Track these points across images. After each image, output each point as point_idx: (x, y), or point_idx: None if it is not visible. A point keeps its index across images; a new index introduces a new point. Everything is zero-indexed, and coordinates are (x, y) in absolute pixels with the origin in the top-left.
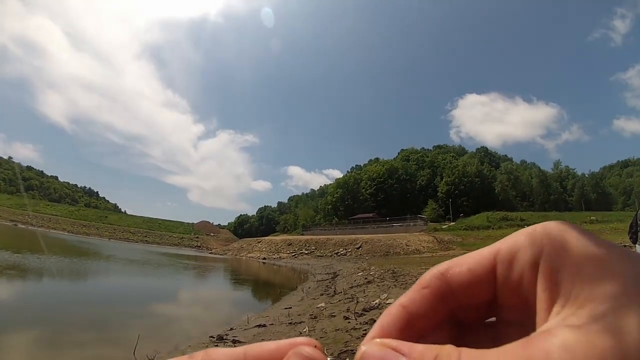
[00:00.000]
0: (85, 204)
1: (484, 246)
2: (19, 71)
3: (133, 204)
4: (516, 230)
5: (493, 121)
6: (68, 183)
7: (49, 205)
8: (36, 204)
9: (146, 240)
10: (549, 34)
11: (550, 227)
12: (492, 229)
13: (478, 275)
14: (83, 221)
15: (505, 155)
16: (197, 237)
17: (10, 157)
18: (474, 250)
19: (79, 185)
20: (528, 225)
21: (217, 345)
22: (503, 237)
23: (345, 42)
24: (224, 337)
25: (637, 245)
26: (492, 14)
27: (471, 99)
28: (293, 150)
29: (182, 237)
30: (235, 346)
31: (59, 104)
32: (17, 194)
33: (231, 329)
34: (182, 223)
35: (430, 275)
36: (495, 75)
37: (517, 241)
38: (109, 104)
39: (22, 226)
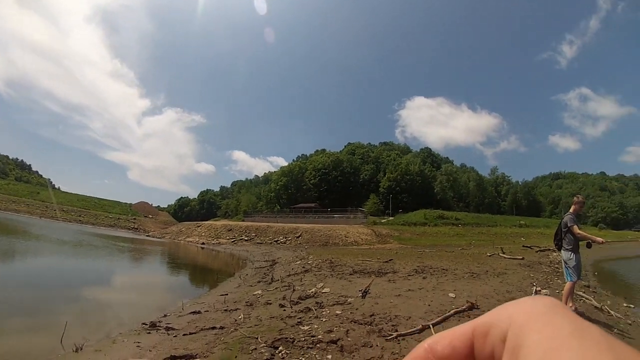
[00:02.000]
0: (15, 177)
1: (420, 241)
2: None
3: (68, 180)
4: (450, 227)
5: (438, 124)
6: None
7: None
8: None
9: (80, 220)
10: (502, 49)
11: (519, 306)
12: (429, 225)
13: (458, 348)
14: (13, 196)
15: (447, 157)
16: (134, 219)
17: None
18: (409, 244)
19: (10, 157)
20: (463, 224)
21: (149, 333)
22: (438, 234)
23: (299, 33)
24: (157, 324)
25: (561, 251)
26: (449, 23)
27: (419, 101)
28: (239, 135)
29: (119, 218)
30: (168, 334)
31: None
32: None
33: (165, 315)
34: (119, 203)
35: (420, 349)
36: (445, 81)
37: (492, 318)
38: (52, 69)
39: None
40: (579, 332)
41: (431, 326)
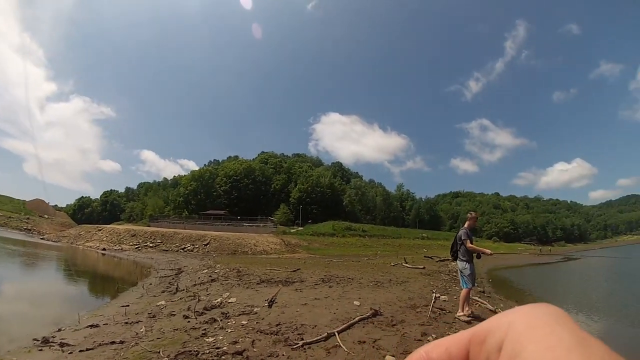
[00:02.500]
0: None
1: (328, 251)
2: None
3: None
4: (358, 238)
5: (350, 140)
6: None
7: None
8: None
9: None
10: (416, 77)
11: (519, 314)
12: (337, 236)
13: (454, 355)
14: None
15: (357, 172)
16: (28, 218)
17: None
18: (318, 253)
19: None
20: (369, 235)
21: (41, 350)
22: (346, 244)
23: (223, 38)
24: (51, 340)
25: (457, 261)
26: (369, 46)
27: (334, 117)
28: (150, 133)
29: (10, 217)
30: (62, 350)
31: None
32: None
33: (59, 329)
34: (11, 199)
35: (416, 356)
36: (360, 100)
37: (490, 325)
38: None
39: None
40: (580, 345)
41: (336, 333)
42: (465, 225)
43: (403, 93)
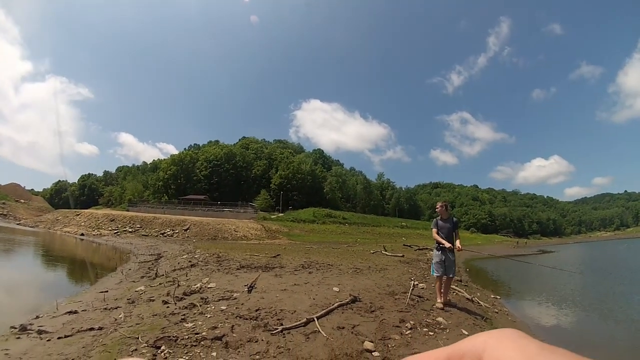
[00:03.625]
0: None
1: (308, 238)
2: None
3: None
4: (338, 226)
5: (331, 128)
6: None
7: None
8: None
9: None
10: (398, 68)
11: (494, 335)
12: (317, 223)
13: None
14: None
15: (338, 160)
16: (3, 203)
17: None
18: (298, 240)
19: None
20: (349, 223)
21: (18, 338)
22: (326, 231)
23: (206, 21)
24: (28, 328)
25: (434, 250)
26: (352, 34)
27: (315, 104)
28: (129, 116)
29: None
30: (41, 338)
31: None
32: None
33: (37, 317)
34: None
35: None
36: (342, 88)
37: (468, 344)
38: None
39: None
40: (548, 350)
41: (315, 319)
42: (439, 216)
43: (385, 82)
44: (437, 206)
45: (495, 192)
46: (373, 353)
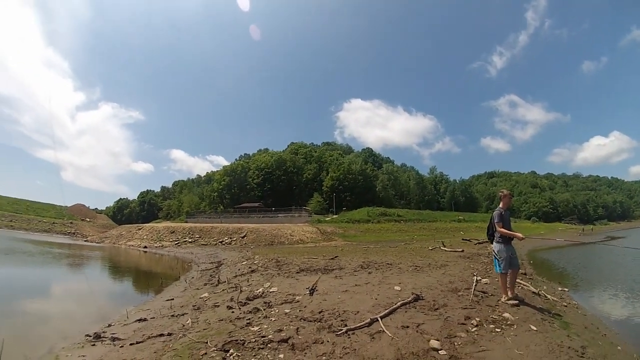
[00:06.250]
0: None
1: (364, 238)
2: None
3: None
4: (393, 224)
5: (375, 125)
6: None
7: None
8: None
9: (12, 226)
10: (436, 56)
11: None
12: (372, 222)
13: None
14: None
15: (388, 157)
16: (70, 223)
17: None
18: (354, 240)
19: None
20: (405, 220)
21: (94, 345)
22: (382, 230)
23: (241, 33)
24: (102, 335)
25: (493, 243)
26: (385, 29)
27: (356, 103)
28: (178, 133)
29: (54, 222)
30: (114, 344)
31: None
32: None
33: (109, 325)
34: (53, 206)
35: None
36: (381, 84)
37: None
38: None
39: None
40: None
41: (379, 319)
42: (500, 205)
43: (424, 74)
44: (502, 194)
45: (555, 177)
46: (440, 351)
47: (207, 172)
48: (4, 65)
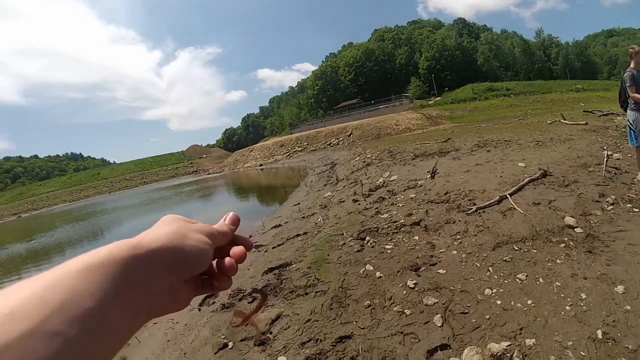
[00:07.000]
0: (73, 169)
1: (473, 117)
2: None
3: (119, 152)
4: (502, 99)
5: None
6: (49, 156)
7: (40, 184)
8: (29, 189)
9: (144, 182)
10: None
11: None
12: (479, 100)
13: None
14: (78, 186)
15: (484, 25)
16: (191, 163)
17: None
18: (462, 121)
19: (61, 154)
20: (514, 94)
21: None
22: (490, 107)
23: None
24: None
25: (627, 111)
26: None
27: None
28: (257, 52)
29: (177, 167)
30: (259, 251)
31: (5, 82)
32: (8, 188)
33: (250, 236)
34: (172, 154)
35: None
36: None
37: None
38: (54, 62)
39: (26, 214)
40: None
41: (508, 196)
42: (632, 66)
43: None
44: (632, 50)
45: None
46: (575, 229)
47: (298, 82)
48: (79, 60)
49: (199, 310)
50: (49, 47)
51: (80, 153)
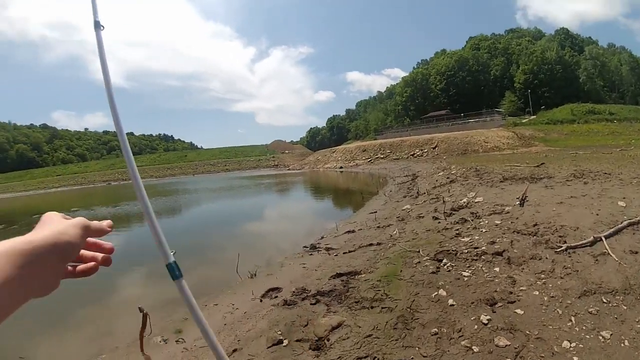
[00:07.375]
0: (164, 149)
1: (569, 142)
2: (66, 51)
3: (207, 139)
4: (604, 124)
5: None
6: (143, 135)
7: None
8: (121, 161)
9: (227, 169)
10: None
11: None
12: (578, 123)
13: None
14: (166, 164)
15: (589, 37)
16: (273, 157)
17: (86, 129)
18: (557, 145)
19: (154, 134)
20: (618, 119)
21: (311, 255)
22: (589, 132)
23: None
24: (317, 246)
25: None
26: None
27: None
28: (348, 55)
29: (259, 159)
30: (329, 254)
31: (110, 66)
32: (103, 157)
33: (322, 237)
34: (256, 146)
35: None
36: None
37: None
38: (156, 53)
39: (115, 183)
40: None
41: (603, 239)
42: None
43: None
44: None
45: None
46: None
47: (387, 87)
48: (179, 52)
49: (261, 301)
50: (153, 40)
51: (171, 135)
